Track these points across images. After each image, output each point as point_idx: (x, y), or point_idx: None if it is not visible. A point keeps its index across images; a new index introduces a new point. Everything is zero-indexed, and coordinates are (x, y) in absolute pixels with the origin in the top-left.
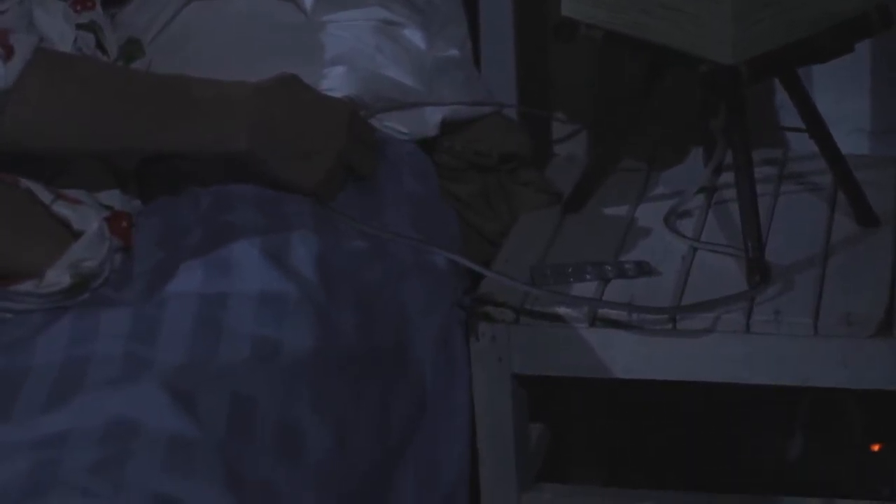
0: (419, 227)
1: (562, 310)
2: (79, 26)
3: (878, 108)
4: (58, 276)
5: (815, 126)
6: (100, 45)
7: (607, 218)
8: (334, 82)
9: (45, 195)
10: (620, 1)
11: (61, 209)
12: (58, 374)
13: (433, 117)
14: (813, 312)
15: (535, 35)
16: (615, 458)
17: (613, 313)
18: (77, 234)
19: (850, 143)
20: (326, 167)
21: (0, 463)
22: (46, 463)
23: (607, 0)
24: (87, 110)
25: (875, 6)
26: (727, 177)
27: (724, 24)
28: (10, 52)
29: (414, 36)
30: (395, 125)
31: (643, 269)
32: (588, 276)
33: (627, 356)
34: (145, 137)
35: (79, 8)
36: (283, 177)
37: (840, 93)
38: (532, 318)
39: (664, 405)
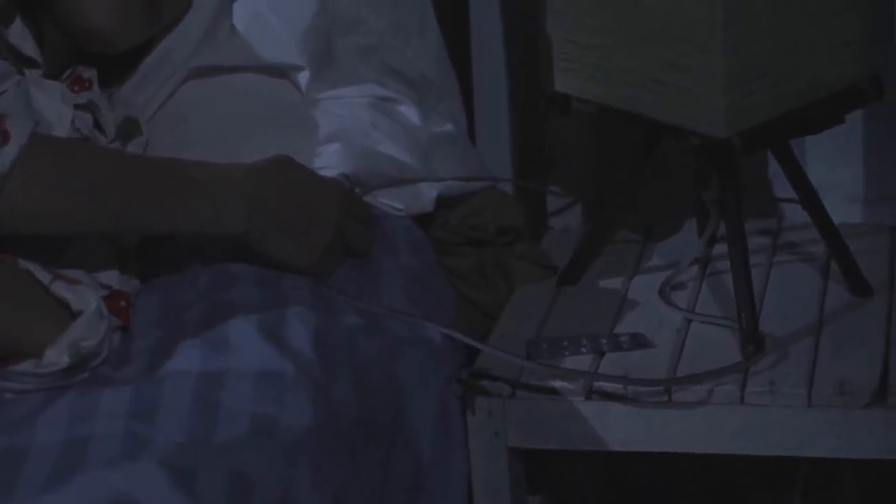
0: (415, 301)
1: (557, 383)
2: (76, 107)
3: (870, 176)
4: (57, 356)
5: (808, 197)
6: (97, 125)
7: (602, 290)
8: (330, 159)
9: (43, 276)
10: (613, 76)
11: (60, 290)
12: (58, 453)
13: (429, 193)
14: (807, 383)
15: (529, 109)
16: None
17: (609, 386)
18: (76, 314)
19: (843, 211)
20: (322, 246)
21: None
22: None
23: (600, 75)
24: (83, 194)
25: (866, 77)
26: (721, 248)
27: (716, 96)
28: (6, 137)
29: (409, 112)
30: (390, 201)
31: (638, 342)
32: (584, 349)
33: (623, 429)
34: (142, 219)
35: (76, 88)
36: (280, 256)
37: (832, 161)
38: (528, 391)
39: (663, 474)
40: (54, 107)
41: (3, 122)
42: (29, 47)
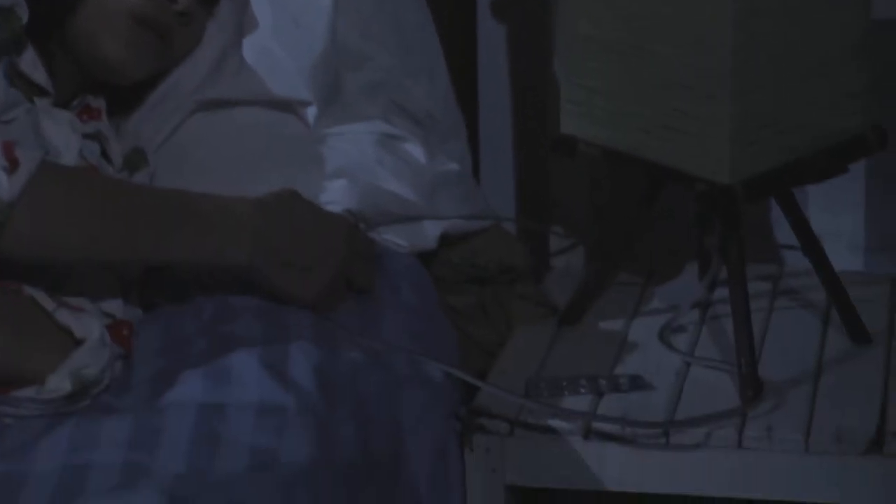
0: (416, 338)
1: (556, 422)
2: (84, 135)
3: (872, 224)
4: (59, 383)
5: (810, 244)
6: (105, 155)
7: (603, 331)
8: (335, 195)
9: (48, 303)
10: (619, 120)
11: (64, 317)
12: (57, 481)
13: (433, 231)
14: (804, 429)
15: (534, 149)
16: None
17: (607, 427)
18: (79, 342)
19: (845, 258)
20: (325, 280)
21: None
22: None
23: (606, 119)
24: (89, 223)
25: (870, 128)
26: (722, 292)
27: (722, 144)
28: (14, 165)
29: (415, 150)
30: (394, 238)
31: (637, 384)
32: (582, 390)
33: (620, 469)
34: (147, 250)
35: (85, 118)
36: (283, 289)
37: (835, 209)
38: (526, 430)
39: None
40: (62, 135)
41: (13, 150)
42: (40, 76)
